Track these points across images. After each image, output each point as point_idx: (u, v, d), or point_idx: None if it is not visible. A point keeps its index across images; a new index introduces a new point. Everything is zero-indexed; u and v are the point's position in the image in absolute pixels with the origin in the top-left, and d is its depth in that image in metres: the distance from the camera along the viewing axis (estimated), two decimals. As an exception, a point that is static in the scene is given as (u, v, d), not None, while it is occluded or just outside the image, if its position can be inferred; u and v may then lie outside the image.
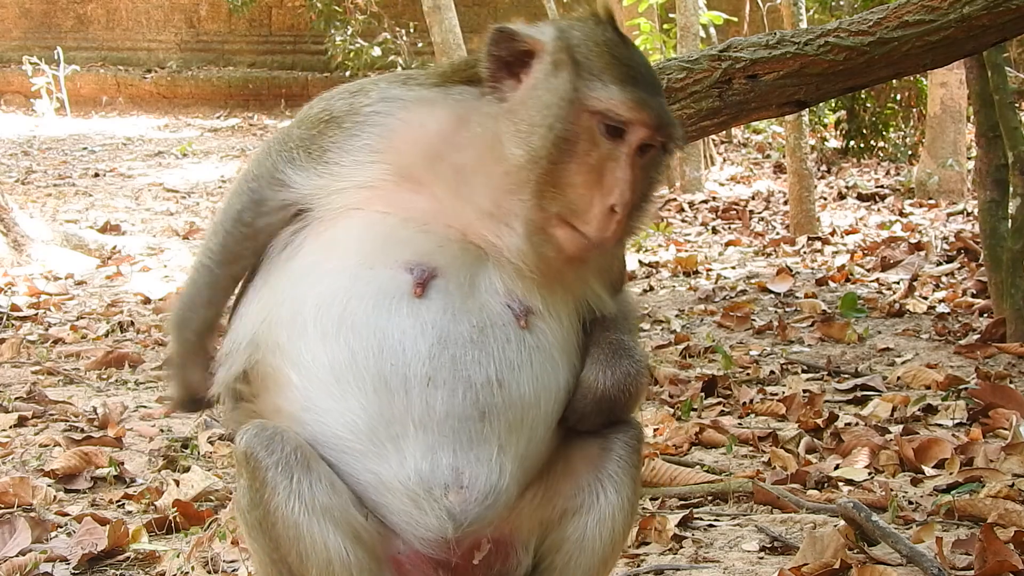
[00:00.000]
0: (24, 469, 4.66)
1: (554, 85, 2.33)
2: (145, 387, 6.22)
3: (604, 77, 2.32)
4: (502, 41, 2.37)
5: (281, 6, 23.81)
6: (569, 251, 2.34)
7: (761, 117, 4.27)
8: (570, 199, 2.31)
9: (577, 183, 2.31)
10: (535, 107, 2.33)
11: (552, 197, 2.31)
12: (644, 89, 2.33)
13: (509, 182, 2.34)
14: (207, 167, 17.33)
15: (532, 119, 2.32)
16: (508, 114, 2.36)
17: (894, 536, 3.49)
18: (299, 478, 2.26)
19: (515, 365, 2.33)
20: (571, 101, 2.31)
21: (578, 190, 2.31)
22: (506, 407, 2.31)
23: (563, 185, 2.31)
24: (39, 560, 3.67)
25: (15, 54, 22.94)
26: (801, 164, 11.74)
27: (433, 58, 15.33)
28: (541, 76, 2.35)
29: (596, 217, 2.30)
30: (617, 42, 2.39)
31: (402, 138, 2.39)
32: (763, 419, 5.38)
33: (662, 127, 2.34)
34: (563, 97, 2.31)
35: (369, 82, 2.51)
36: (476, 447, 2.28)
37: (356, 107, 2.43)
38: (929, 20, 3.69)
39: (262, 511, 2.28)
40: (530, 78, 2.36)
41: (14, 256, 10.11)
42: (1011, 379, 5.74)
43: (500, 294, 2.36)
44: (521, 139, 2.32)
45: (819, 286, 8.87)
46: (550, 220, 2.32)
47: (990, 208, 6.58)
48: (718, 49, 3.88)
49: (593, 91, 2.30)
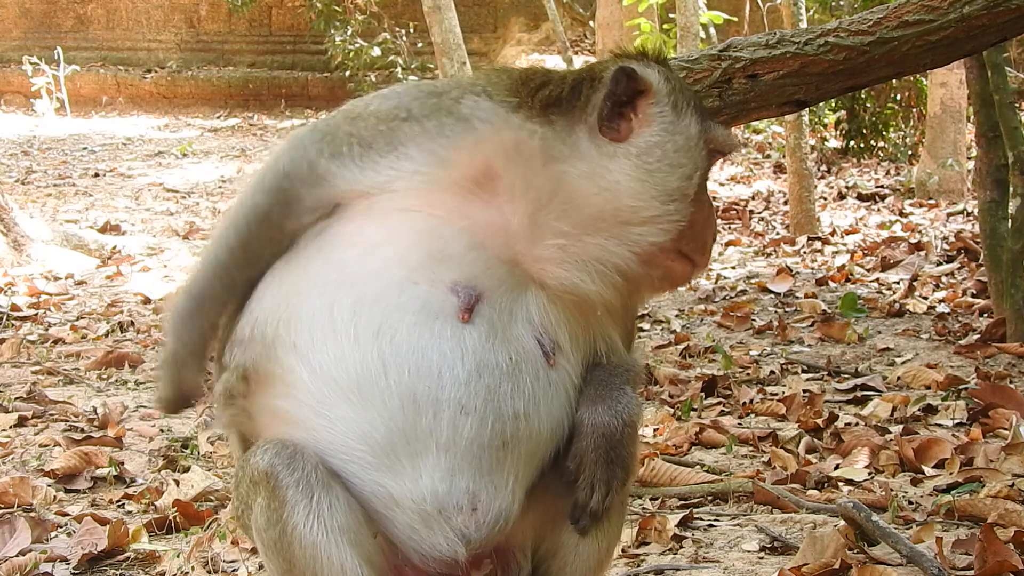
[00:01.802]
0: (24, 469, 4.66)
1: (685, 126, 2.41)
2: (145, 387, 6.22)
3: (707, 115, 2.48)
4: (623, 80, 2.39)
5: (281, 6, 23.82)
6: (682, 281, 2.51)
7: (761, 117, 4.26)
8: (696, 234, 2.43)
9: (699, 219, 2.43)
10: (670, 150, 2.38)
11: (683, 234, 2.40)
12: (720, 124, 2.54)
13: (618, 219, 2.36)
14: (207, 167, 17.33)
15: (672, 160, 2.38)
16: (634, 158, 2.37)
17: (894, 536, 3.49)
18: (319, 498, 2.25)
19: (539, 400, 2.35)
20: (703, 142, 2.43)
21: (700, 225, 2.43)
22: (526, 439, 2.33)
23: (691, 223, 2.41)
24: (39, 560, 3.67)
25: (15, 54, 22.94)
26: (801, 164, 11.74)
27: (433, 58, 15.33)
28: (668, 118, 2.41)
29: (708, 248, 2.48)
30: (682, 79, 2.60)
31: (492, 147, 2.35)
32: (763, 419, 5.38)
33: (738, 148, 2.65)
34: (695, 138, 2.41)
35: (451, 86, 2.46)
36: (494, 474, 2.30)
37: (445, 106, 2.38)
38: (929, 20, 3.68)
39: (279, 530, 2.27)
40: (648, 119, 2.40)
41: (14, 256, 10.11)
42: (1011, 379, 5.74)
43: (533, 326, 2.36)
44: (655, 180, 2.36)
45: (819, 286, 8.87)
46: (671, 254, 2.41)
47: (990, 208, 6.58)
48: (718, 49, 3.87)
49: (713, 130, 2.45)
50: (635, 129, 2.39)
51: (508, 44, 22.98)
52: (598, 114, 2.39)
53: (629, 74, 2.38)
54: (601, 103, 2.38)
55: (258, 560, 3.67)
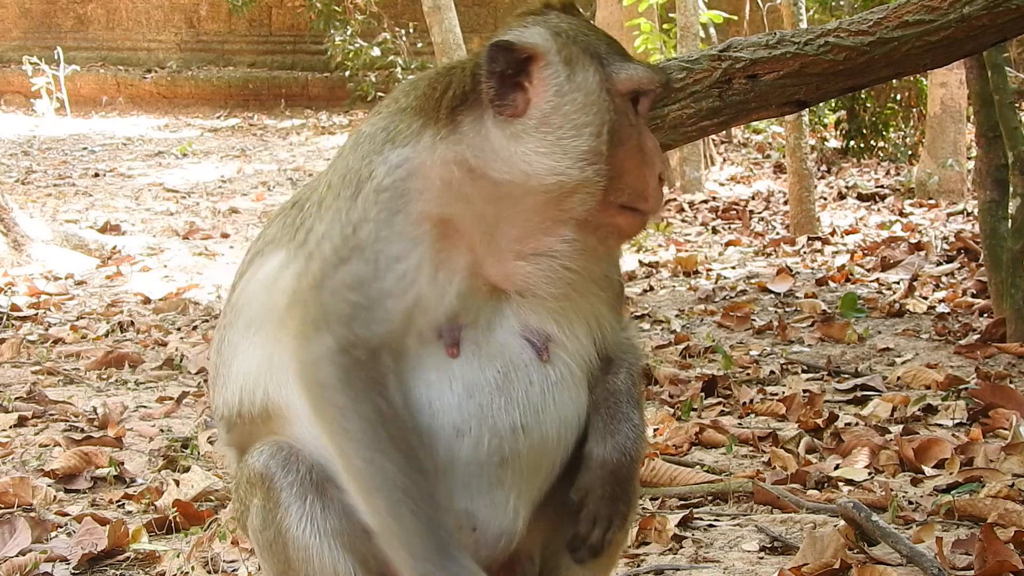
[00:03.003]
0: (24, 469, 4.66)
1: (581, 81, 2.25)
2: (145, 387, 6.23)
3: (614, 57, 2.30)
4: (500, 55, 2.24)
5: (281, 6, 23.81)
6: (632, 233, 2.37)
7: (761, 117, 4.27)
8: (630, 184, 2.27)
9: (630, 167, 2.27)
10: (571, 110, 2.24)
11: (616, 189, 2.26)
12: (635, 60, 2.35)
13: (549, 198, 2.24)
14: (207, 167, 17.33)
15: (574, 122, 2.23)
16: (536, 130, 2.25)
17: (894, 536, 3.49)
18: (312, 500, 2.26)
19: (538, 408, 2.31)
20: (606, 90, 2.26)
21: (633, 173, 2.27)
22: (527, 453, 2.30)
23: (620, 174, 2.26)
24: (39, 560, 3.67)
25: (15, 54, 22.94)
26: (801, 164, 11.74)
27: (433, 58, 15.32)
28: (560, 77, 2.25)
29: (655, 192, 2.30)
30: (590, 24, 2.39)
31: (427, 201, 2.24)
32: (763, 419, 5.38)
33: (669, 84, 2.43)
34: (596, 89, 2.25)
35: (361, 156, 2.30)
36: (492, 492, 2.28)
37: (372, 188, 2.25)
38: (929, 20, 3.69)
39: (274, 531, 2.29)
40: (542, 84, 2.25)
41: (14, 256, 10.11)
42: (1011, 379, 5.74)
43: (519, 329, 2.32)
44: (564, 147, 2.22)
45: (819, 286, 8.87)
46: (611, 211, 2.27)
47: (990, 208, 6.58)
48: (718, 49, 3.87)
49: (619, 72, 2.28)
50: (532, 100, 2.25)
51: (508, 44, 22.97)
52: (488, 97, 2.26)
53: (505, 47, 2.24)
54: (486, 85, 2.26)
55: (257, 561, 3.67)
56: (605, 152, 2.24)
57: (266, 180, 16.33)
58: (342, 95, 22.12)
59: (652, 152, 2.30)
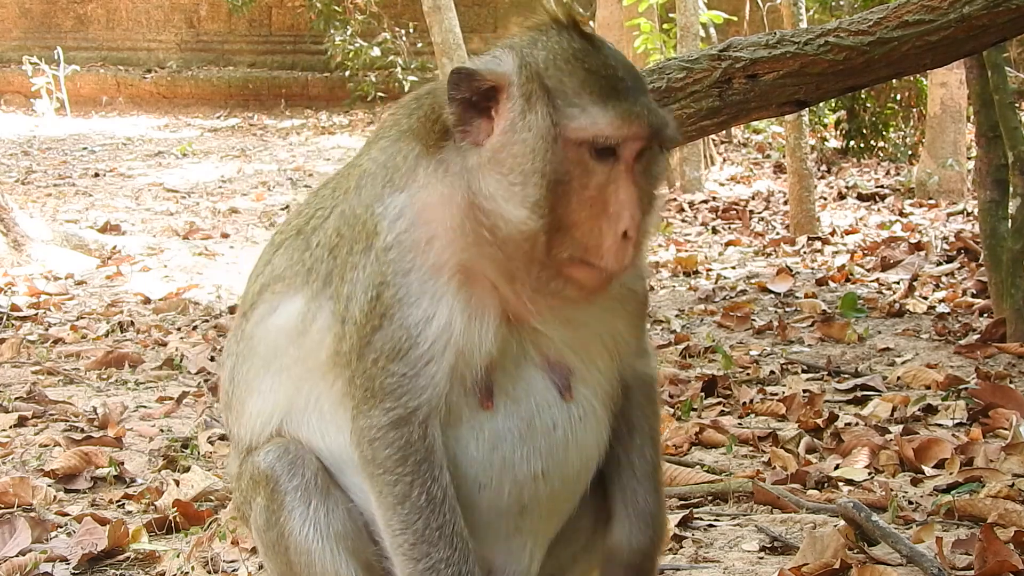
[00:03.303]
0: (24, 469, 4.66)
1: (531, 122, 2.11)
2: (145, 387, 6.23)
3: (581, 98, 2.11)
4: (462, 83, 2.14)
5: (281, 6, 23.81)
6: (591, 288, 2.19)
7: (761, 117, 4.27)
8: (579, 238, 2.13)
9: (582, 219, 2.12)
10: (518, 152, 2.12)
11: (560, 243, 2.13)
12: (626, 97, 2.13)
13: (510, 237, 2.14)
14: (207, 167, 17.33)
15: (517, 166, 2.12)
16: (489, 164, 2.15)
17: (894, 536, 3.48)
18: (316, 505, 2.28)
19: (560, 452, 2.28)
20: (553, 137, 2.10)
21: (585, 226, 2.12)
22: (547, 499, 2.29)
23: (568, 226, 2.12)
24: (39, 560, 3.67)
25: (15, 54, 22.93)
26: (801, 164, 11.74)
27: (433, 58, 15.32)
28: (515, 114, 2.13)
29: (611, 249, 2.12)
30: (585, 50, 2.18)
31: (439, 250, 2.18)
32: (763, 419, 5.38)
33: (655, 132, 2.16)
34: (543, 135, 2.10)
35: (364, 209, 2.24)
36: (509, 540, 2.29)
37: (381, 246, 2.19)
38: (929, 20, 3.69)
39: (276, 533, 2.30)
40: (502, 118, 2.15)
41: (14, 256, 10.11)
42: (1011, 379, 5.74)
43: (539, 366, 2.26)
44: (512, 192, 2.12)
45: (819, 286, 8.87)
46: (563, 265, 2.15)
47: (990, 208, 6.58)
48: (718, 49, 3.87)
49: (573, 119, 2.10)
50: (493, 130, 2.16)
51: (508, 44, 22.97)
52: (451, 123, 2.18)
53: (468, 75, 2.14)
54: (448, 110, 2.17)
55: (258, 560, 3.67)
56: (544, 202, 2.10)
57: (266, 180, 16.33)
58: (342, 95, 22.12)
59: (618, 206, 2.11)
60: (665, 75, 3.82)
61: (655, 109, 2.20)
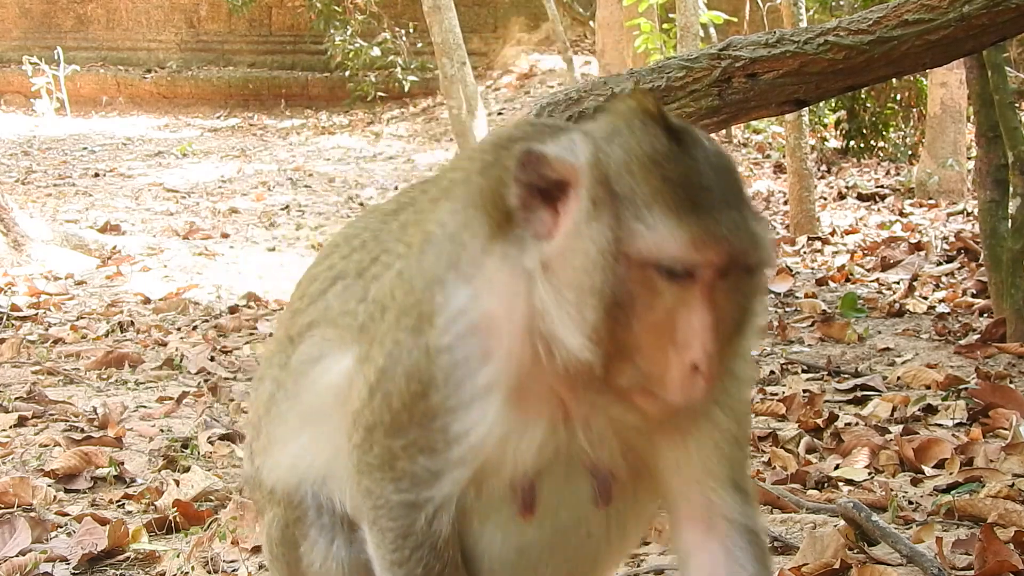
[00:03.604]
0: (24, 469, 4.66)
1: (593, 234, 1.84)
2: (145, 387, 6.23)
3: (652, 212, 1.82)
4: (530, 166, 1.89)
5: (281, 6, 23.81)
6: (656, 416, 1.96)
7: (761, 116, 4.27)
8: (642, 366, 1.87)
9: (646, 346, 1.86)
10: (576, 266, 1.86)
11: (620, 370, 1.88)
12: (708, 212, 1.83)
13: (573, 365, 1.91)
14: (207, 167, 17.33)
15: (574, 282, 1.86)
16: (547, 273, 1.90)
17: (894, 536, 3.48)
18: (339, 544, 2.26)
19: (588, 558, 2.18)
20: (615, 255, 1.83)
21: (649, 354, 1.86)
22: None
23: (630, 353, 1.87)
24: (39, 560, 3.67)
25: (15, 54, 22.94)
26: (801, 164, 11.74)
27: (433, 58, 15.31)
28: (578, 220, 1.86)
29: (677, 382, 1.86)
30: (669, 152, 1.87)
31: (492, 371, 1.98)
32: (763, 419, 5.38)
33: (739, 257, 1.86)
34: (604, 251, 1.83)
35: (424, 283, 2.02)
36: None
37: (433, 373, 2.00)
38: (929, 19, 3.69)
39: (292, 555, 2.30)
40: (566, 218, 1.89)
41: (14, 256, 10.11)
42: (1011, 379, 5.74)
43: (582, 468, 2.08)
44: (567, 314, 1.87)
45: (819, 286, 8.87)
46: (624, 391, 1.91)
47: (990, 208, 6.58)
48: (718, 48, 3.88)
49: (639, 237, 1.81)
50: (557, 230, 1.90)
51: (508, 44, 22.98)
52: (512, 203, 1.93)
53: (539, 159, 1.89)
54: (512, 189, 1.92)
55: (258, 560, 3.67)
56: (603, 328, 1.85)
57: (266, 180, 16.33)
58: (342, 95, 22.12)
59: (688, 334, 1.84)
60: (665, 74, 3.82)
61: (745, 226, 1.87)
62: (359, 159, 18.36)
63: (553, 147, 1.92)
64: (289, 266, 10.46)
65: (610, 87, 3.74)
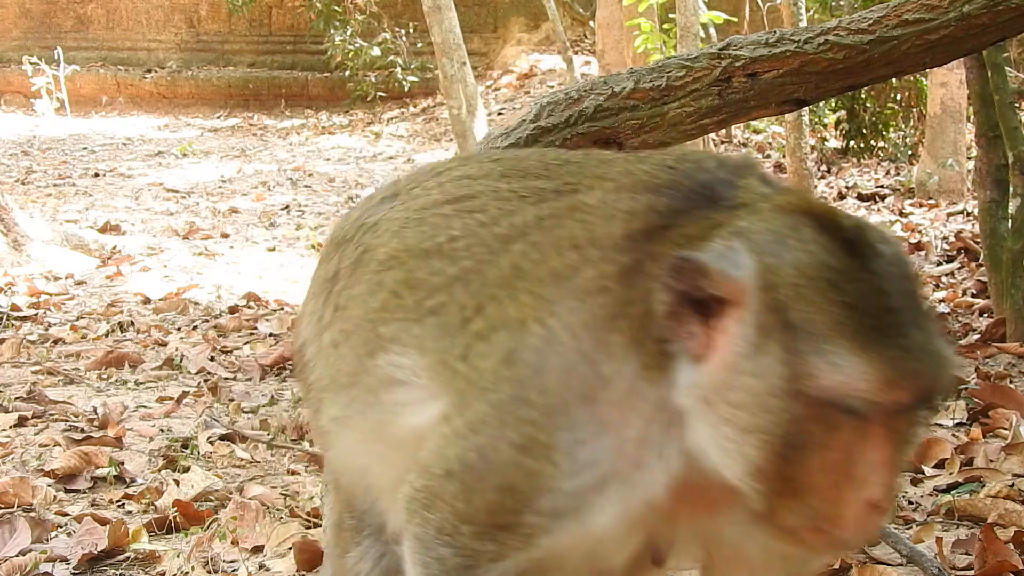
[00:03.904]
0: (24, 469, 4.66)
1: (761, 367, 1.64)
2: (145, 387, 6.22)
3: (834, 344, 1.61)
4: (685, 275, 1.67)
5: (281, 6, 23.81)
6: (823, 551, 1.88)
7: (761, 115, 4.26)
8: (813, 505, 1.69)
9: (818, 483, 1.68)
10: (738, 400, 1.66)
11: (788, 508, 1.70)
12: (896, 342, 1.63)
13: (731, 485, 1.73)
14: (207, 167, 17.33)
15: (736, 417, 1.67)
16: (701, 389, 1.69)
17: (894, 536, 3.48)
18: (382, 553, 2.31)
19: None
20: (789, 393, 1.63)
21: (821, 491, 1.68)
22: None
23: (799, 491, 1.69)
24: (39, 560, 3.66)
25: (15, 54, 22.93)
26: (801, 164, 11.74)
27: (433, 58, 15.31)
28: (744, 347, 1.66)
29: (853, 519, 1.69)
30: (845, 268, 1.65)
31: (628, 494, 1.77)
32: (763, 419, 5.37)
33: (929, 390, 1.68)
34: (776, 387, 1.64)
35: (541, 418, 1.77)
36: None
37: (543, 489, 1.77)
38: (929, 19, 3.68)
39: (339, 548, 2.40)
40: (725, 341, 1.68)
41: (14, 256, 10.11)
42: (1011, 379, 5.74)
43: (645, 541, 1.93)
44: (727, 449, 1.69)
45: (819, 286, 8.85)
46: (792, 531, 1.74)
47: (990, 208, 6.58)
48: (718, 47, 3.87)
49: (820, 374, 1.61)
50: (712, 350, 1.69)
51: (508, 44, 22.98)
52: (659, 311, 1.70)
53: (698, 270, 1.66)
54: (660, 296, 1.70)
55: (258, 560, 3.67)
56: (769, 467, 1.67)
57: (266, 180, 16.32)
58: (342, 95, 22.12)
59: (868, 470, 1.66)
60: (665, 74, 3.81)
61: (933, 350, 1.68)
62: (359, 159, 18.36)
63: (712, 256, 1.68)
64: (289, 266, 10.46)
65: (610, 87, 3.73)
